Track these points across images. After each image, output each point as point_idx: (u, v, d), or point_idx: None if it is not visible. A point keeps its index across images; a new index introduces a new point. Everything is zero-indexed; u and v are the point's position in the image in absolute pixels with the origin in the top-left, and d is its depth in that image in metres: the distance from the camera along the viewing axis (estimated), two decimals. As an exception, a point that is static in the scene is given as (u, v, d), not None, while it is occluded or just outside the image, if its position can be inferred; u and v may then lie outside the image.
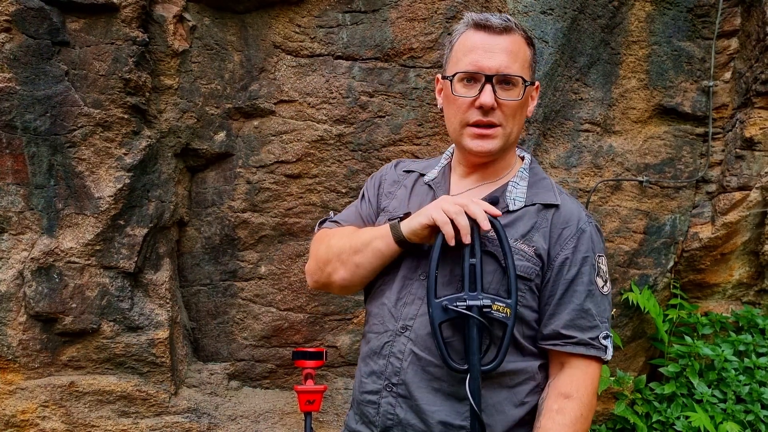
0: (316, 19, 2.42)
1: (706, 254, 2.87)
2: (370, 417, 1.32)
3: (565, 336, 1.27)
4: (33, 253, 2.29)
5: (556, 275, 1.29)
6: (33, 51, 2.18)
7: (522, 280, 1.27)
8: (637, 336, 2.95)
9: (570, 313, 1.28)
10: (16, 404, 2.36)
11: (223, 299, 2.64)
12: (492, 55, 1.26)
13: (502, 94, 1.27)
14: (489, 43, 1.27)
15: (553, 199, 1.34)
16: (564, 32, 2.52)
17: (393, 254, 1.32)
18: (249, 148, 2.52)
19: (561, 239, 1.30)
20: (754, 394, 2.71)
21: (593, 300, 1.29)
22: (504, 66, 1.26)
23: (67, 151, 2.26)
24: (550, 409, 1.25)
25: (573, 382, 1.27)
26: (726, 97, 2.75)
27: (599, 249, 1.33)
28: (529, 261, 1.28)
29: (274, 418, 2.64)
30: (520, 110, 1.31)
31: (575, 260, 1.29)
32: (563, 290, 1.28)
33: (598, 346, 1.28)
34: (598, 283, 1.31)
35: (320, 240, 1.50)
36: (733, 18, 2.68)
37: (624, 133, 2.74)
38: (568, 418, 1.23)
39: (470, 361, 1.17)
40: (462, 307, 1.17)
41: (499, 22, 1.27)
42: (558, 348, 1.28)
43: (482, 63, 1.26)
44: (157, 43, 2.31)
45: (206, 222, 2.59)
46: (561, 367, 1.30)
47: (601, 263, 1.33)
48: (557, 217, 1.32)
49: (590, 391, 1.28)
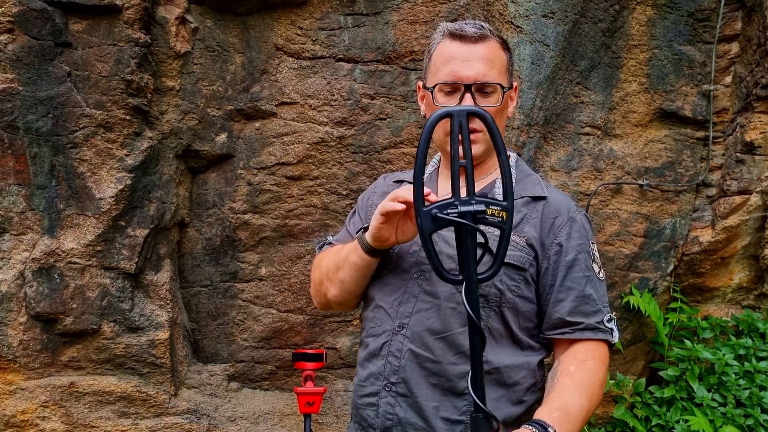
0: (318, 22, 2.43)
1: (706, 258, 2.87)
2: (369, 420, 1.33)
3: (571, 323, 1.28)
4: (34, 253, 2.30)
5: (553, 263, 1.30)
6: (35, 52, 2.19)
7: (516, 270, 1.28)
8: (636, 339, 2.95)
9: (573, 301, 1.28)
10: (16, 404, 2.37)
11: (224, 300, 2.64)
12: (469, 65, 1.29)
13: (482, 101, 1.29)
14: (465, 53, 1.30)
15: (541, 191, 1.36)
16: (565, 36, 2.52)
17: (368, 265, 1.33)
18: (250, 149, 2.52)
19: (553, 228, 1.31)
20: (754, 398, 2.71)
21: (593, 285, 1.30)
22: (482, 74, 1.28)
23: (68, 152, 2.27)
24: (566, 369, 1.24)
25: (588, 352, 1.27)
26: (726, 101, 2.75)
27: (591, 236, 1.35)
28: (521, 251, 1.29)
29: (273, 420, 2.64)
30: (500, 114, 1.34)
31: (570, 247, 1.30)
32: (562, 277, 1.29)
33: (604, 329, 1.29)
34: (594, 268, 1.32)
35: (316, 264, 1.53)
36: (734, 22, 2.68)
37: (624, 137, 2.74)
38: (587, 375, 1.22)
39: (466, 272, 1.06)
40: (453, 215, 1.06)
41: (474, 31, 1.30)
42: (566, 336, 1.28)
43: (460, 73, 1.29)
44: (159, 44, 2.32)
45: (207, 223, 2.59)
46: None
47: (594, 250, 1.35)
48: (547, 208, 1.33)
49: (604, 366, 1.28)
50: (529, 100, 2.53)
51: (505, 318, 1.28)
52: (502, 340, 1.29)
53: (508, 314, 1.28)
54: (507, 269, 1.28)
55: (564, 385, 1.22)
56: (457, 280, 1.09)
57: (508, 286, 1.28)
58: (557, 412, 1.16)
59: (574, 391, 1.20)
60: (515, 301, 1.28)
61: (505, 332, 1.29)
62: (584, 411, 1.20)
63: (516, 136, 2.55)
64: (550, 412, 1.16)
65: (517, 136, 2.55)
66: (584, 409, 1.20)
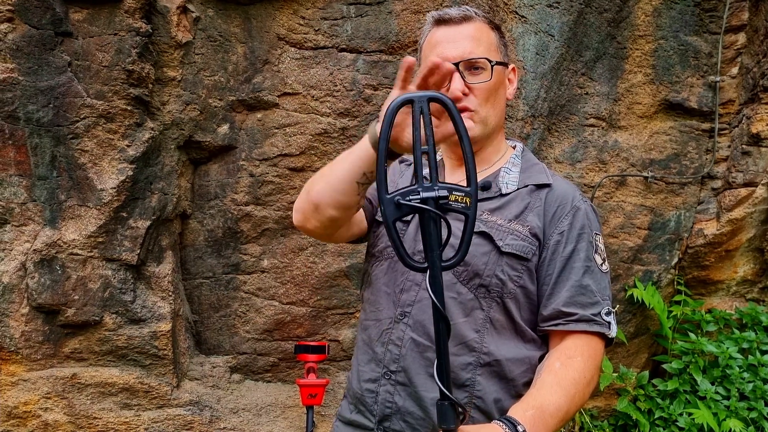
0: (321, 11, 2.41)
1: (711, 251, 2.85)
2: (367, 406, 1.32)
3: (566, 314, 1.24)
4: (35, 244, 2.29)
5: (552, 253, 1.27)
6: (36, 41, 2.17)
7: (518, 260, 1.26)
8: (640, 332, 2.94)
9: (569, 290, 1.25)
10: (18, 396, 2.36)
11: (226, 292, 2.63)
12: (455, 44, 1.28)
13: (472, 78, 1.28)
14: (451, 35, 1.29)
15: (546, 179, 1.34)
16: (570, 26, 2.50)
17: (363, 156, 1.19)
18: (252, 140, 2.51)
19: (555, 217, 1.29)
20: (757, 391, 2.70)
21: (592, 276, 1.26)
22: (468, 51, 1.28)
23: (69, 143, 2.25)
24: (552, 366, 1.20)
25: (577, 348, 1.23)
26: (732, 92, 2.73)
27: (596, 227, 1.31)
28: (524, 240, 1.27)
29: (275, 412, 2.64)
30: (494, 93, 1.31)
31: (571, 237, 1.27)
32: (561, 267, 1.26)
33: (600, 321, 1.24)
34: (596, 260, 1.28)
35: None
36: (741, 12, 2.65)
37: (629, 128, 2.72)
38: (571, 373, 1.18)
39: (430, 258, 1.04)
40: (416, 201, 1.03)
41: (458, 13, 1.30)
42: (560, 327, 1.24)
43: (446, 53, 1.28)
44: (160, 34, 2.30)
45: (209, 215, 2.58)
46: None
47: (598, 241, 1.31)
48: (551, 196, 1.31)
49: (594, 364, 1.24)
50: (534, 91, 2.51)
51: (508, 309, 1.26)
52: (504, 331, 1.26)
53: (510, 305, 1.26)
54: (509, 259, 1.25)
55: (545, 383, 1.18)
56: (422, 267, 1.06)
57: (510, 276, 1.25)
58: (532, 411, 1.12)
59: (554, 390, 1.16)
60: (517, 292, 1.26)
61: (508, 323, 1.27)
62: (562, 411, 1.15)
63: (520, 128, 2.53)
64: (525, 410, 1.12)
65: (521, 128, 2.53)
66: (562, 410, 1.15)
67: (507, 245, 1.25)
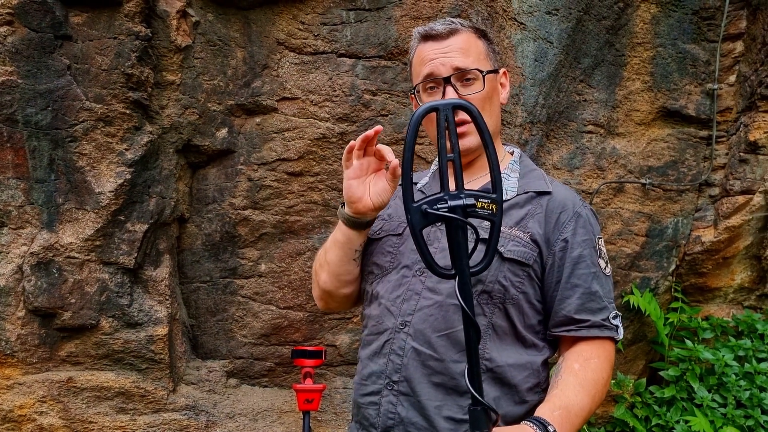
0: (320, 17, 2.41)
1: (708, 258, 2.86)
2: (370, 419, 1.31)
3: (578, 320, 1.27)
4: (32, 247, 2.28)
5: (559, 260, 1.29)
6: (35, 44, 2.17)
7: (520, 266, 1.27)
8: (637, 339, 2.94)
9: (580, 297, 1.27)
10: (13, 399, 2.35)
11: (223, 296, 2.63)
12: (444, 58, 1.31)
13: (464, 90, 1.30)
14: (439, 49, 1.32)
15: (545, 186, 1.35)
16: (569, 33, 2.51)
17: (350, 240, 1.34)
18: (251, 145, 2.51)
19: (558, 224, 1.30)
20: (754, 399, 2.70)
21: (599, 281, 1.29)
22: (457, 64, 1.30)
23: (68, 146, 2.25)
24: (571, 367, 1.24)
25: (593, 351, 1.26)
26: (730, 100, 2.74)
27: (597, 231, 1.34)
28: (525, 246, 1.28)
29: (272, 417, 2.63)
30: (488, 101, 1.34)
31: (576, 243, 1.29)
32: (568, 273, 1.28)
33: (610, 326, 1.28)
34: (600, 264, 1.31)
35: (315, 260, 1.55)
36: (739, 21, 2.67)
37: (627, 135, 2.73)
38: (590, 374, 1.22)
39: (458, 266, 1.05)
40: (443, 210, 1.05)
41: (443, 27, 1.33)
42: (572, 333, 1.27)
43: (437, 68, 1.31)
44: (159, 38, 2.30)
45: (207, 219, 2.58)
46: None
47: (600, 245, 1.34)
48: (552, 203, 1.32)
49: (609, 365, 1.28)
50: (532, 98, 2.52)
51: (509, 315, 1.26)
52: (505, 337, 1.27)
53: (512, 311, 1.26)
54: (511, 265, 1.26)
55: (567, 384, 1.21)
56: (451, 274, 1.07)
57: (512, 282, 1.26)
58: (559, 411, 1.16)
59: (576, 390, 1.20)
60: (519, 298, 1.26)
61: (509, 329, 1.27)
62: (585, 410, 1.20)
63: (518, 134, 2.53)
64: (552, 411, 1.16)
65: (520, 134, 2.54)
66: (585, 409, 1.20)
67: (509, 251, 1.26)
